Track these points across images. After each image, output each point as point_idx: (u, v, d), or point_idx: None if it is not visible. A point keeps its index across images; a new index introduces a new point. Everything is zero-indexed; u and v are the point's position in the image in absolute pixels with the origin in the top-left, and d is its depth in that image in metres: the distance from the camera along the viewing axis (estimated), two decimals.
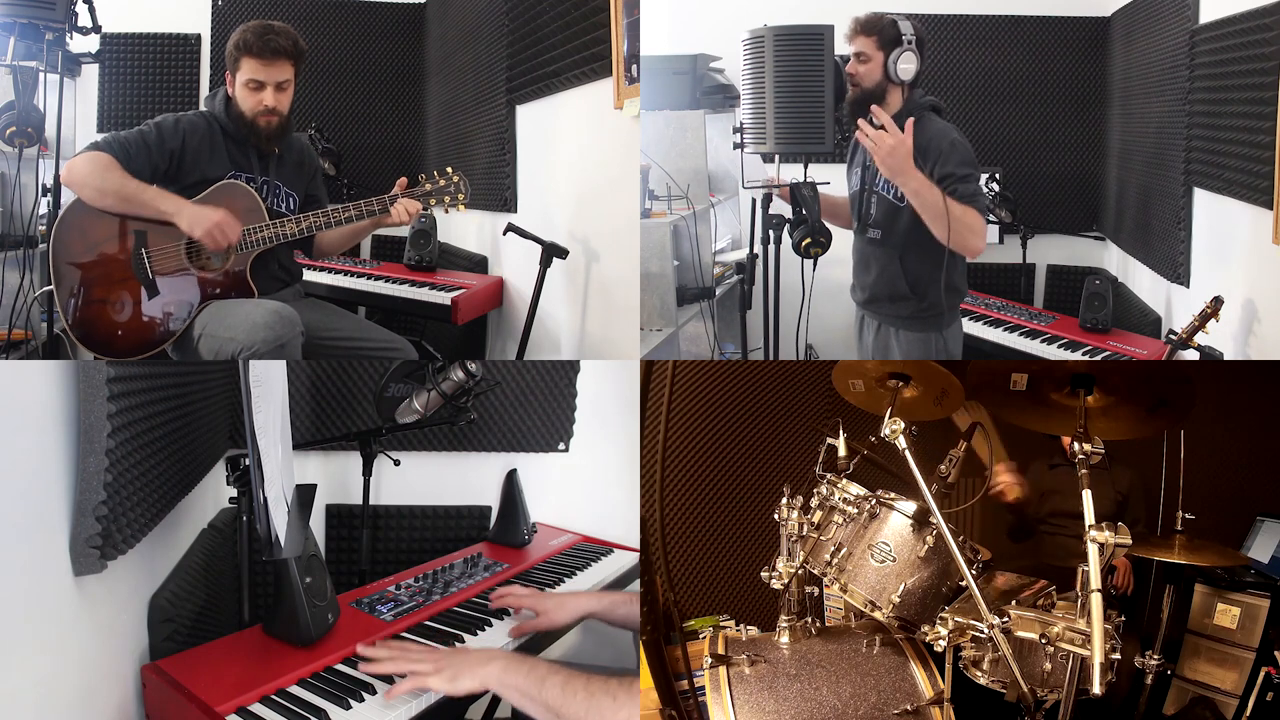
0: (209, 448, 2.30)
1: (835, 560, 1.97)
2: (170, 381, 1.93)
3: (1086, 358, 3.20)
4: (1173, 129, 3.11)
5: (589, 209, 3.06)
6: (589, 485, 3.07)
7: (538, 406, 3.02)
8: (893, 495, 2.00)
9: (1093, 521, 1.67)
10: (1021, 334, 3.48)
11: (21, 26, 2.99)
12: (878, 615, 1.92)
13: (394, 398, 2.44)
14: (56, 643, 1.42)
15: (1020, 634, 1.75)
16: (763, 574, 2.10)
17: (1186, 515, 2.27)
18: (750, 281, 3.10)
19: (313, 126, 4.14)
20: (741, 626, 2.14)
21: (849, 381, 2.26)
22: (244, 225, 2.50)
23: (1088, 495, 1.71)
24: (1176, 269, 3.02)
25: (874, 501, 1.99)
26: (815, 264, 2.69)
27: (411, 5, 4.63)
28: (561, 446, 3.08)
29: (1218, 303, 2.49)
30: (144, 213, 2.45)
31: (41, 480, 1.40)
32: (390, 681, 1.68)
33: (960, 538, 1.86)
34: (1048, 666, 1.75)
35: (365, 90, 4.60)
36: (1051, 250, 4.11)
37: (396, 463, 2.56)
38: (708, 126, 3.79)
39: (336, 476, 2.76)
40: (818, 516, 2.06)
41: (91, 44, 3.42)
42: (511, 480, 2.85)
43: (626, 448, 2.75)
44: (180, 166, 2.52)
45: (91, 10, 3.16)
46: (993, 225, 3.88)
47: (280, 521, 1.81)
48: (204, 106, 2.66)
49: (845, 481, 2.07)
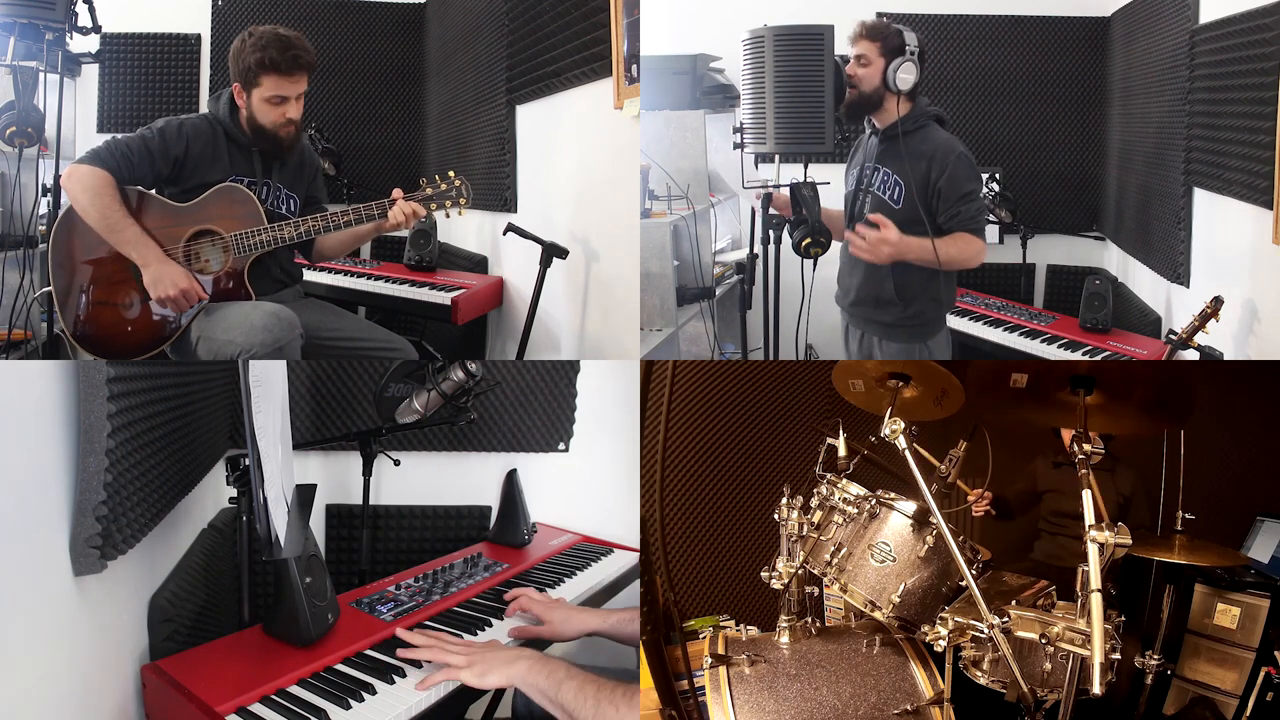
0: (209, 448, 2.30)
1: (835, 560, 1.97)
2: (170, 381, 1.93)
3: (1086, 358, 3.20)
4: (1173, 129, 3.11)
5: (589, 209, 3.06)
6: (589, 485, 3.07)
7: (538, 406, 3.02)
8: (893, 495, 2.00)
9: (1093, 521, 1.67)
10: (1021, 334, 3.48)
11: (21, 26, 2.99)
12: (878, 615, 1.92)
13: (394, 398, 2.44)
14: (56, 643, 1.42)
15: (1020, 634, 1.75)
16: (763, 574, 2.10)
17: (1186, 515, 2.26)
18: (750, 281, 3.10)
19: (313, 126, 4.14)
20: (741, 626, 2.14)
21: (849, 381, 2.26)
22: (242, 228, 2.50)
23: (1088, 495, 1.71)
24: (1176, 269, 3.02)
25: (874, 501, 1.99)
26: (815, 264, 2.69)
27: (411, 5, 4.64)
28: (561, 446, 3.08)
29: (1218, 303, 2.49)
30: (118, 248, 2.44)
31: (41, 480, 1.40)
32: (417, 666, 1.78)
33: (960, 538, 1.87)
34: (1048, 666, 1.75)
35: (365, 90, 4.60)
36: (1051, 250, 4.12)
37: (396, 463, 2.56)
38: (708, 126, 3.79)
39: (336, 476, 2.76)
40: (818, 516, 2.06)
41: (91, 44, 3.42)
42: (511, 480, 2.85)
43: (626, 448, 2.75)
44: (182, 171, 2.52)
45: (91, 10, 3.16)
46: (993, 225, 3.89)
47: (280, 521, 1.81)
48: (206, 108, 2.66)
49: (845, 481, 2.07)
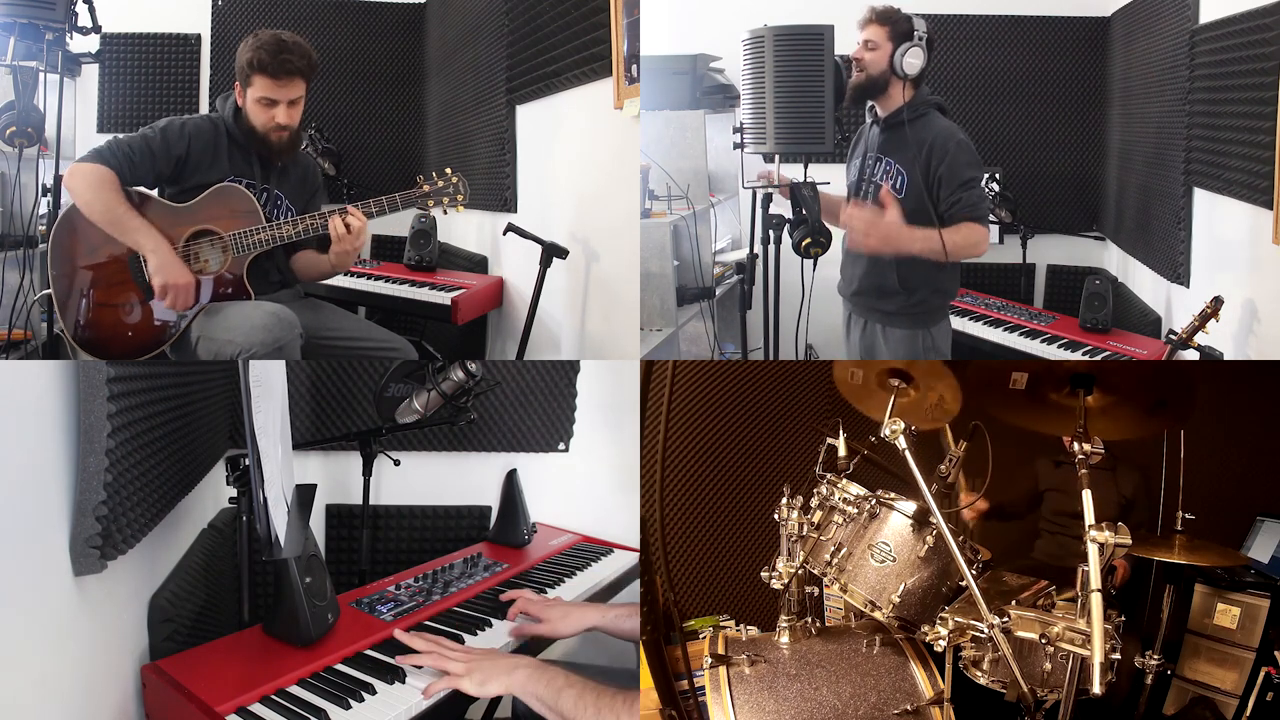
0: (209, 448, 2.30)
1: (835, 560, 1.97)
2: (170, 381, 1.93)
3: (1086, 358, 3.20)
4: (1173, 129, 3.11)
5: (589, 209, 3.06)
6: (589, 485, 3.07)
7: (538, 406, 3.02)
8: (893, 495, 2.00)
9: (1093, 521, 1.67)
10: (1021, 334, 3.48)
11: (21, 26, 2.98)
12: (878, 615, 1.92)
13: (394, 398, 2.44)
14: (56, 643, 1.42)
15: (1020, 634, 1.74)
16: (763, 574, 2.10)
17: (1186, 515, 2.26)
18: (750, 281, 3.10)
19: (313, 126, 4.14)
20: (741, 626, 2.14)
21: (849, 371, 2.25)
22: (241, 228, 2.50)
23: (1088, 495, 1.71)
24: (1176, 269, 3.02)
25: (874, 501, 1.99)
26: (815, 264, 2.69)
27: (411, 5, 4.63)
28: (561, 446, 3.08)
29: (1218, 303, 2.49)
30: (124, 240, 2.44)
31: (41, 480, 1.40)
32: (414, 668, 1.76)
33: (960, 538, 1.86)
34: (1048, 666, 1.75)
35: (365, 90, 4.60)
36: (1051, 250, 4.11)
37: (396, 463, 2.56)
38: (708, 126, 3.79)
39: (336, 476, 2.76)
40: (818, 516, 2.06)
41: (91, 44, 3.41)
42: (511, 480, 2.85)
43: (626, 448, 2.75)
44: (183, 171, 2.52)
45: (91, 10, 3.15)
46: (992, 225, 3.89)
47: (280, 521, 1.81)
48: (209, 109, 2.66)
49: (845, 481, 2.07)
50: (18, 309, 3.11)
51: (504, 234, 3.15)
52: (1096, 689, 1.58)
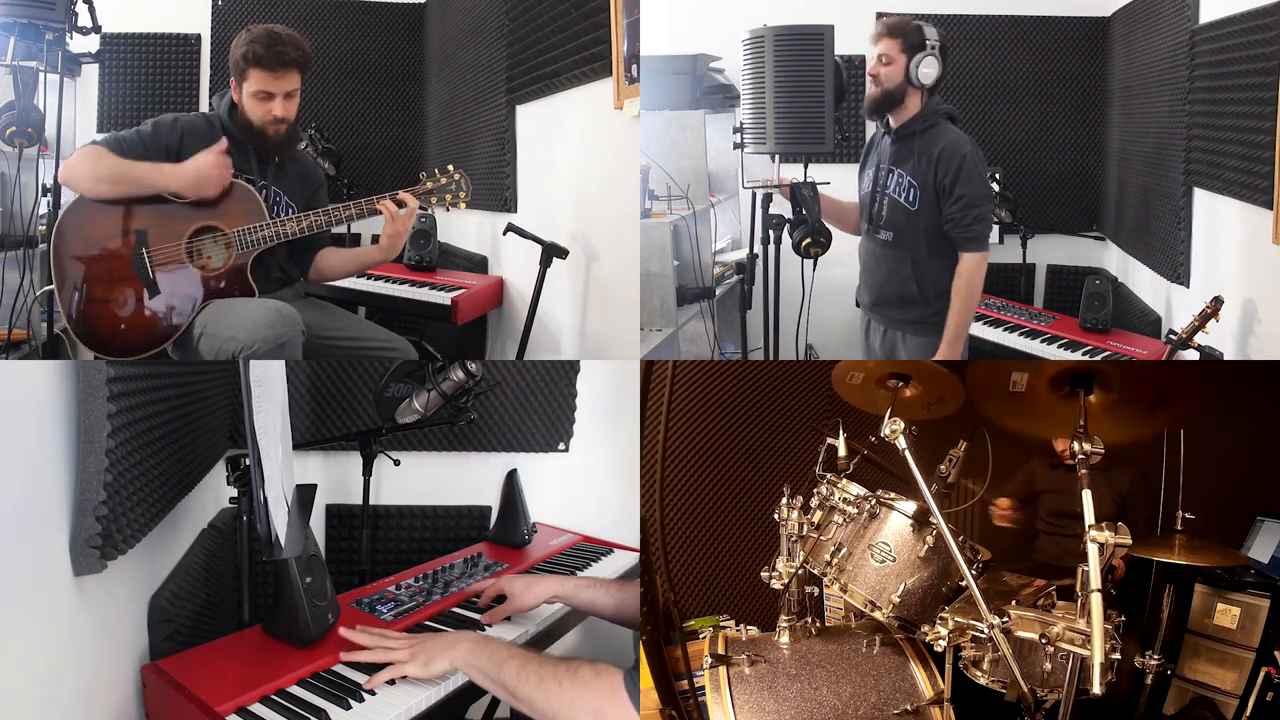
0: (209, 448, 2.30)
1: (835, 560, 1.97)
2: (170, 381, 1.93)
3: (1086, 358, 3.20)
4: (1173, 129, 3.11)
5: (589, 209, 3.06)
6: (589, 485, 3.07)
7: (538, 406, 3.02)
8: (893, 495, 2.00)
9: (1093, 521, 1.67)
10: (1021, 334, 3.48)
11: (21, 26, 2.99)
12: (878, 615, 1.92)
13: (394, 398, 2.44)
14: (56, 643, 1.42)
15: (1020, 634, 1.74)
16: (763, 574, 2.10)
17: (1186, 515, 2.26)
18: (750, 281, 3.10)
19: (313, 126, 4.14)
20: (741, 626, 2.14)
21: (848, 374, 2.25)
22: (244, 224, 2.50)
23: (1088, 495, 1.71)
24: (1176, 269, 3.02)
25: (874, 501, 1.99)
26: (815, 264, 2.69)
27: (411, 5, 4.64)
28: (561, 446, 3.08)
29: (1218, 303, 2.49)
30: (141, 191, 2.45)
31: (41, 480, 1.40)
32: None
33: (960, 538, 1.86)
34: (1048, 666, 1.75)
35: (365, 90, 4.60)
36: (1051, 250, 4.12)
37: (396, 463, 2.56)
38: (708, 126, 3.79)
39: (336, 476, 2.76)
40: (818, 516, 2.06)
41: (91, 44, 3.42)
42: (511, 480, 2.85)
43: (626, 448, 2.75)
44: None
45: (91, 10, 3.16)
46: (993, 225, 3.89)
47: (280, 521, 1.81)
48: (207, 108, 2.66)
49: (845, 481, 2.07)
50: (18, 309, 3.12)
51: (504, 234, 3.15)
52: (1096, 689, 1.58)
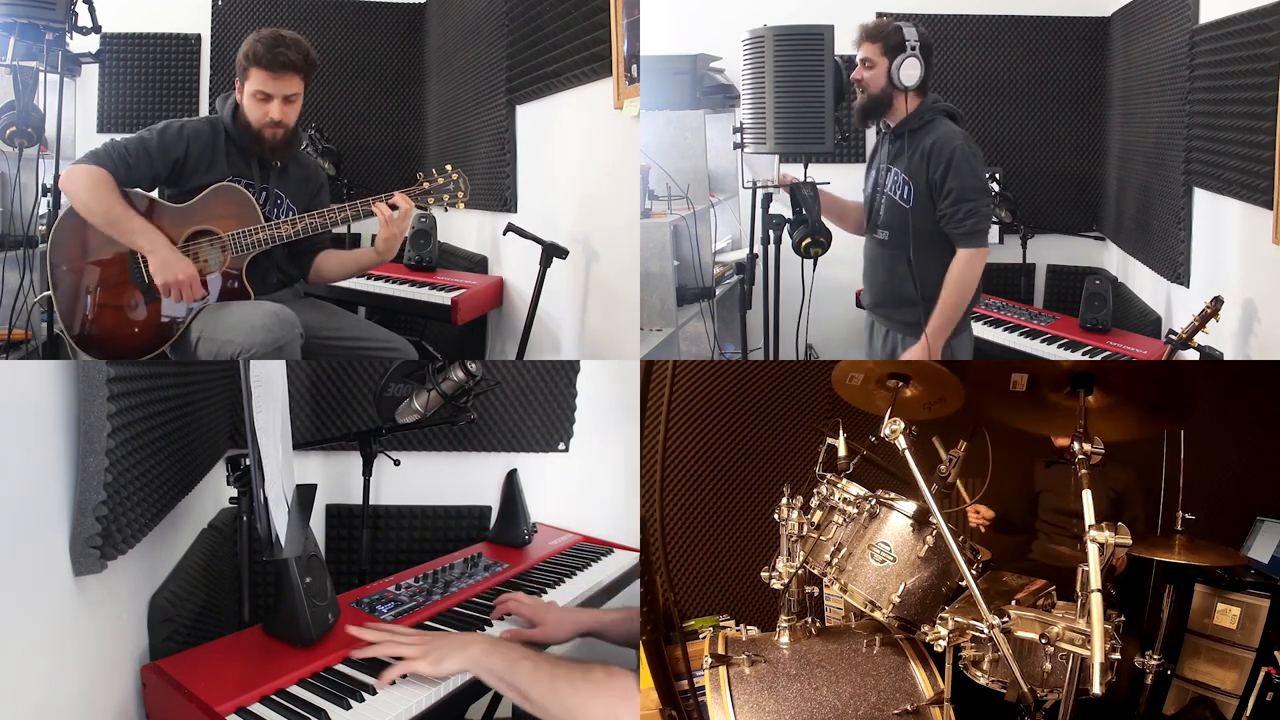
0: (209, 448, 2.30)
1: (835, 560, 1.97)
2: (170, 381, 1.93)
3: (1086, 358, 3.20)
4: (1173, 129, 3.11)
5: (589, 209, 3.06)
6: (589, 485, 3.07)
7: (538, 406, 3.02)
8: (893, 495, 2.00)
9: (1093, 521, 1.67)
10: (1021, 334, 3.48)
11: (21, 26, 2.99)
12: (878, 615, 1.92)
13: (394, 398, 2.44)
14: (56, 643, 1.42)
15: (1020, 634, 1.75)
16: (763, 574, 2.10)
17: (1186, 515, 2.26)
18: (750, 281, 3.10)
19: (313, 126, 4.14)
20: (741, 626, 2.14)
21: (848, 374, 2.26)
22: (239, 228, 2.50)
23: (1088, 495, 1.71)
24: (1176, 269, 3.02)
25: (874, 501, 1.99)
26: (815, 264, 2.69)
27: (411, 5, 4.64)
28: (561, 446, 3.08)
29: (1218, 303, 2.49)
30: (123, 241, 2.44)
31: (41, 480, 1.40)
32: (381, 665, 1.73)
33: (960, 538, 1.87)
34: (1048, 666, 1.75)
35: (365, 90, 4.60)
36: (1051, 250, 4.12)
37: (396, 463, 2.56)
38: (708, 126, 3.79)
39: (336, 476, 2.76)
40: (818, 516, 2.06)
41: (91, 44, 3.42)
42: (511, 480, 2.85)
43: (626, 448, 2.75)
44: (181, 173, 2.52)
45: (91, 10, 3.16)
46: (993, 225, 3.89)
47: (280, 521, 1.81)
48: (209, 110, 2.66)
49: (845, 481, 2.07)
50: (18, 309, 3.11)
51: (504, 234, 3.15)
52: (1096, 689, 1.58)
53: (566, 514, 3.01)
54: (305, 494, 1.99)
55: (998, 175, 3.90)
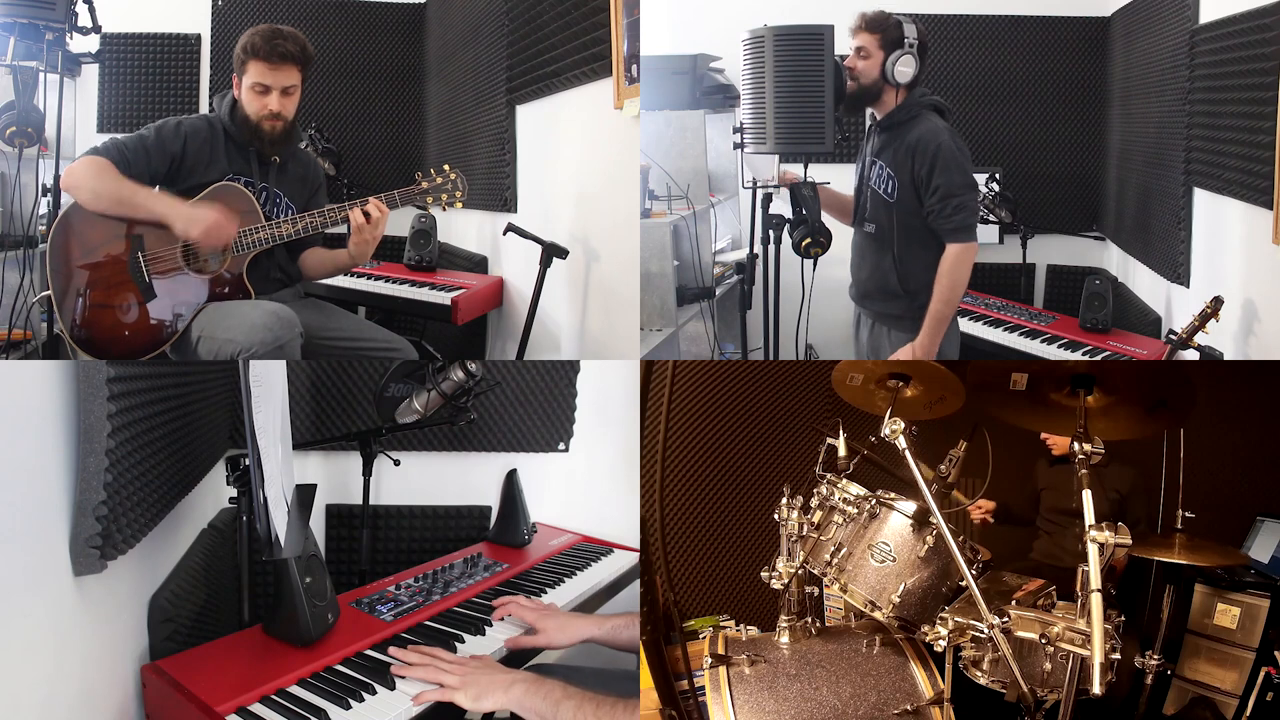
0: (209, 448, 2.30)
1: (835, 560, 1.97)
2: (170, 381, 1.93)
3: (1086, 358, 3.20)
4: (1173, 129, 3.11)
5: (589, 209, 3.06)
6: (589, 485, 3.07)
7: (538, 406, 3.02)
8: (893, 495, 2.00)
9: (1093, 521, 1.67)
10: (1021, 334, 3.48)
11: (21, 26, 2.98)
12: (878, 615, 1.92)
13: (394, 398, 2.44)
14: (56, 643, 1.42)
15: (1020, 634, 1.75)
16: (763, 574, 2.10)
17: (1186, 515, 2.26)
18: (750, 281, 3.10)
19: (313, 126, 4.14)
20: (741, 626, 2.14)
21: (849, 374, 2.26)
22: (240, 227, 2.50)
23: (1088, 496, 1.71)
24: (1176, 269, 3.02)
25: (874, 501, 1.99)
26: (815, 264, 2.70)
27: (411, 5, 4.63)
28: (561, 446, 3.08)
29: (1218, 303, 2.49)
30: (138, 215, 2.44)
31: (41, 480, 1.40)
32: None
33: (960, 538, 1.86)
34: (1048, 666, 1.75)
35: (365, 90, 4.60)
36: (1051, 250, 4.12)
37: (396, 463, 2.56)
38: (708, 126, 3.79)
39: (336, 476, 2.76)
40: (818, 516, 2.06)
41: (91, 44, 3.41)
42: (511, 480, 2.85)
43: (626, 448, 2.75)
44: (179, 171, 2.51)
45: (91, 10, 3.15)
46: (993, 225, 3.89)
47: (280, 521, 1.81)
48: (208, 108, 2.65)
49: (845, 481, 2.07)
50: (18, 309, 3.11)
51: (504, 234, 3.15)
52: (1096, 689, 1.58)
53: (566, 514, 3.01)
54: (305, 494, 1.99)
55: (998, 175, 3.90)
